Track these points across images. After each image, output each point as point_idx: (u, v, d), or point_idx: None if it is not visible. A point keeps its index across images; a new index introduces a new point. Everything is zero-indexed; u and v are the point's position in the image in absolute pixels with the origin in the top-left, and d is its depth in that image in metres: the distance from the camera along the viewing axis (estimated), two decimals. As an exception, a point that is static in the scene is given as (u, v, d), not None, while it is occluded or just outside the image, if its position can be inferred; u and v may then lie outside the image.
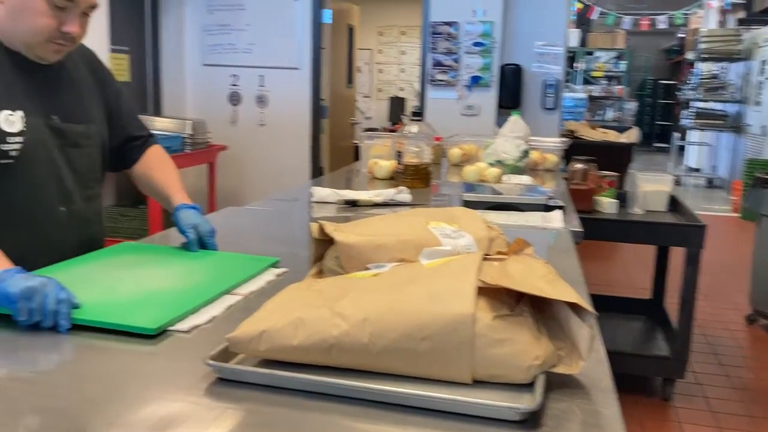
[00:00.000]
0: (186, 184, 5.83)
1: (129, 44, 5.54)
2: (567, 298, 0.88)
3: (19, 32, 1.31)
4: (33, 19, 1.29)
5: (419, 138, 2.76)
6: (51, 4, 1.28)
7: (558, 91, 5.54)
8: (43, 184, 1.37)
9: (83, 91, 1.48)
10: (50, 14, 1.29)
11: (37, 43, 1.33)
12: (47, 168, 1.37)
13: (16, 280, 1.07)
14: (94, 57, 1.58)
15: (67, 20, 1.31)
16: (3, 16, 1.31)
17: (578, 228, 1.97)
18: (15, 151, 1.31)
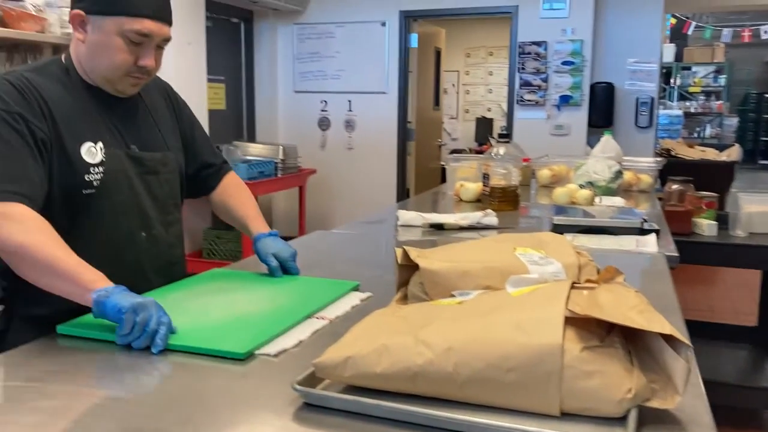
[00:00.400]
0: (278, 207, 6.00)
1: (225, 74, 5.79)
2: (660, 329, 0.85)
3: (100, 68, 1.38)
4: (111, 55, 1.35)
5: (506, 160, 2.73)
6: (127, 40, 1.34)
7: (652, 109, 5.36)
8: (124, 212, 1.42)
9: (159, 120, 1.55)
10: (127, 50, 1.35)
11: (117, 78, 1.39)
12: (128, 196, 1.43)
13: (124, 295, 1.14)
14: (169, 88, 1.66)
15: (143, 54, 1.37)
16: (84, 54, 1.38)
17: (673, 252, 1.89)
18: (97, 181, 1.37)
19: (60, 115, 1.34)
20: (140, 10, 1.33)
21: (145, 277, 1.45)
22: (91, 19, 1.34)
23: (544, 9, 5.24)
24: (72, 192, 1.34)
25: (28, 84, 1.32)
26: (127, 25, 1.32)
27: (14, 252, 1.21)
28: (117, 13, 1.32)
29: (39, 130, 1.30)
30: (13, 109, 1.28)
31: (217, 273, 1.59)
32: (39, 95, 1.32)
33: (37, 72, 1.38)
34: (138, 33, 1.33)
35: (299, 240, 2.17)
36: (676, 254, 1.87)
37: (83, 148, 1.36)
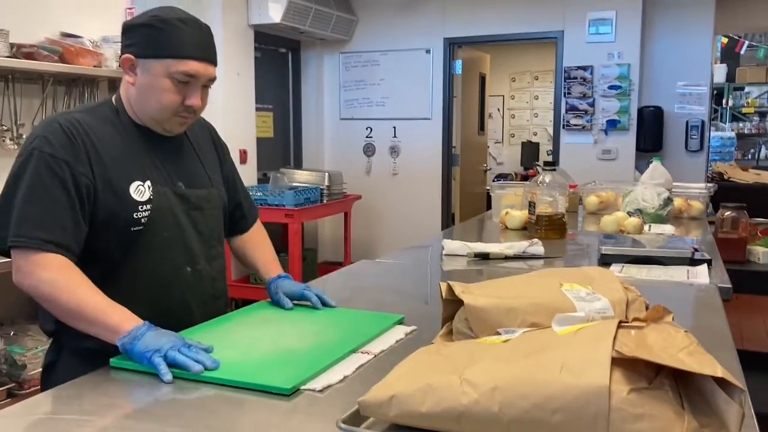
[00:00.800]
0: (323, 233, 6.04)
1: (272, 102, 5.90)
2: (712, 372, 0.83)
3: (149, 108, 1.44)
4: (160, 96, 1.41)
5: (552, 187, 2.71)
6: (175, 81, 1.39)
7: (703, 132, 5.25)
8: (170, 247, 1.47)
9: (204, 158, 1.61)
10: (174, 90, 1.40)
11: (165, 118, 1.44)
12: (174, 232, 1.47)
13: (146, 339, 1.20)
14: (213, 130, 1.73)
15: (190, 94, 1.42)
16: (134, 95, 1.45)
17: (726, 284, 1.84)
18: (145, 219, 1.42)
19: (109, 156, 1.40)
20: (186, 52, 1.39)
21: (189, 311, 1.48)
22: (141, 63, 1.41)
23: (590, 33, 5.20)
24: (121, 229, 1.39)
25: (78, 126, 1.38)
26: (174, 67, 1.38)
27: (46, 300, 1.30)
28: (165, 56, 1.38)
29: (82, 176, 1.35)
30: (58, 154, 1.33)
31: (263, 306, 1.62)
32: (88, 138, 1.38)
33: (89, 113, 1.44)
34: (185, 74, 1.39)
35: (344, 270, 2.19)
36: (729, 285, 1.82)
37: (132, 187, 1.41)
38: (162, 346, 1.19)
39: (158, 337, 1.22)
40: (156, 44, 1.38)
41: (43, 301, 1.31)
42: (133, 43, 1.41)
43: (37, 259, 1.29)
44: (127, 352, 1.21)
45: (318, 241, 6.25)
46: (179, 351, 1.19)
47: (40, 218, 1.30)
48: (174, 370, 1.16)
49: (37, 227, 1.30)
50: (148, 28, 1.40)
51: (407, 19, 5.80)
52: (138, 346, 1.20)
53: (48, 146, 1.33)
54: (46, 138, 1.34)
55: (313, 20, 5.36)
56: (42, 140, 1.34)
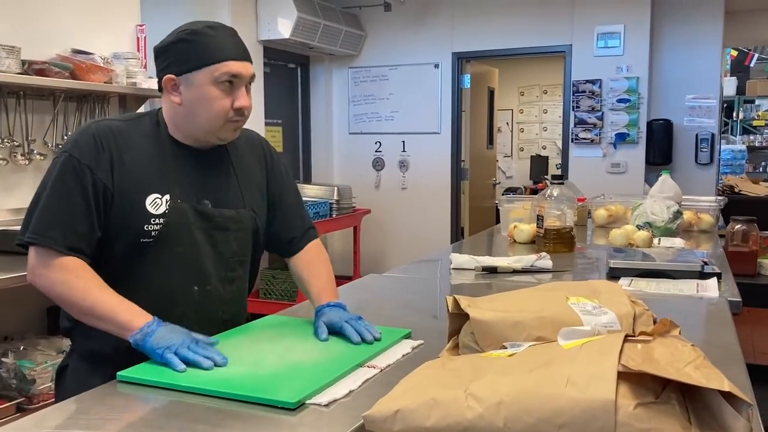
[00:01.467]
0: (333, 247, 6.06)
1: (282, 117, 5.94)
2: (719, 386, 0.82)
3: (201, 121, 1.43)
4: (210, 105, 1.40)
5: (561, 201, 2.70)
6: (220, 86, 1.40)
7: (713, 145, 5.23)
8: (179, 264, 1.45)
9: (243, 177, 1.56)
10: (222, 96, 1.40)
11: (219, 126, 1.43)
12: (186, 248, 1.45)
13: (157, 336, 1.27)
14: (266, 145, 1.68)
15: (237, 96, 1.42)
16: (183, 113, 1.44)
17: (736, 297, 1.83)
18: (156, 232, 1.41)
19: (133, 165, 1.41)
20: (224, 55, 1.40)
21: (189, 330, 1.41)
22: (183, 79, 1.41)
23: (599, 47, 5.21)
24: (130, 239, 1.40)
25: (109, 133, 1.40)
26: (217, 71, 1.39)
27: (59, 300, 1.35)
28: (206, 65, 1.39)
29: (101, 182, 1.37)
30: (84, 159, 1.36)
31: (272, 320, 1.62)
32: (116, 145, 1.40)
33: (129, 122, 1.47)
34: (229, 75, 1.40)
35: (352, 284, 2.19)
36: (738, 299, 1.81)
37: (148, 199, 1.41)
38: (173, 342, 1.25)
39: (168, 333, 1.27)
40: (194, 56, 1.39)
41: (57, 300, 1.36)
42: (170, 63, 1.42)
43: (51, 260, 1.33)
44: (139, 347, 1.27)
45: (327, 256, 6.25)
46: (189, 348, 1.25)
47: (58, 220, 1.34)
48: (182, 384, 1.16)
49: (54, 228, 1.34)
50: (182, 43, 1.41)
51: (415, 33, 5.84)
52: (150, 343, 1.25)
53: (76, 150, 1.37)
54: (76, 142, 1.38)
55: (322, 36, 5.40)
56: (73, 144, 1.38)
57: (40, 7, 3.29)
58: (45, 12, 3.31)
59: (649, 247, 2.66)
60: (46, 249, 1.34)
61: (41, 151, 3.22)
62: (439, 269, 2.41)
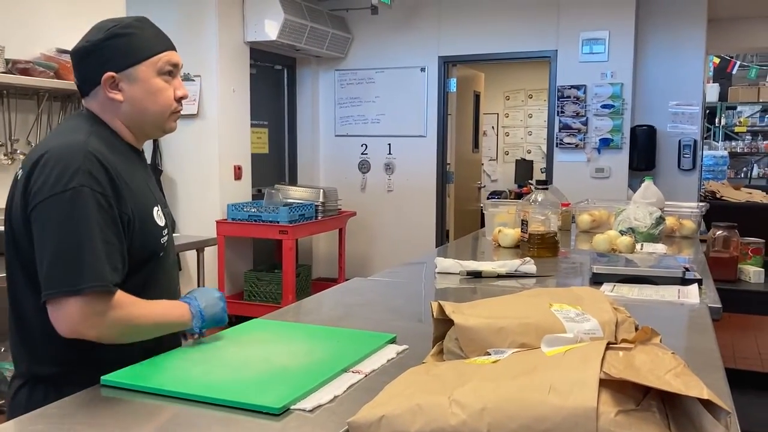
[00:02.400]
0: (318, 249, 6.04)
1: (268, 118, 5.93)
2: (698, 394, 0.83)
3: (150, 115, 1.42)
4: (157, 97, 1.41)
5: (545, 206, 2.72)
6: (163, 76, 1.42)
7: (695, 151, 5.29)
8: (173, 269, 1.54)
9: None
10: (167, 86, 1.43)
11: (166, 118, 1.45)
12: (173, 254, 1.54)
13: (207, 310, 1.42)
14: None
15: (177, 85, 1.46)
16: (128, 111, 1.40)
17: (716, 304, 1.85)
18: (165, 242, 1.45)
19: (133, 186, 1.37)
20: (163, 45, 1.43)
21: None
22: (125, 75, 1.38)
23: (584, 53, 5.26)
24: (152, 256, 1.42)
25: (105, 159, 1.31)
26: (160, 62, 1.40)
27: (121, 338, 1.31)
28: (148, 57, 1.39)
29: (123, 213, 1.32)
30: (107, 192, 1.29)
31: (259, 324, 1.62)
32: (116, 171, 1.32)
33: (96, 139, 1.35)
34: (170, 65, 1.42)
35: (338, 287, 2.19)
36: (719, 305, 1.83)
37: (155, 212, 1.43)
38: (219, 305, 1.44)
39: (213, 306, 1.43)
40: (134, 49, 1.38)
41: (118, 339, 1.30)
42: (106, 61, 1.36)
43: (104, 304, 1.25)
44: (205, 327, 1.41)
45: (312, 258, 6.25)
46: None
47: (104, 261, 1.26)
48: (167, 389, 1.16)
49: (106, 271, 1.25)
50: (116, 39, 1.37)
51: (402, 37, 5.86)
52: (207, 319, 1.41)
53: (95, 183, 1.27)
54: (90, 173, 1.27)
55: (309, 38, 5.40)
56: (87, 176, 1.26)
57: (25, 6, 3.26)
58: (30, 11, 3.29)
59: (631, 252, 2.69)
60: (98, 295, 1.24)
61: (24, 151, 3.20)
62: (425, 273, 2.42)
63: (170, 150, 5.01)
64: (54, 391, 1.27)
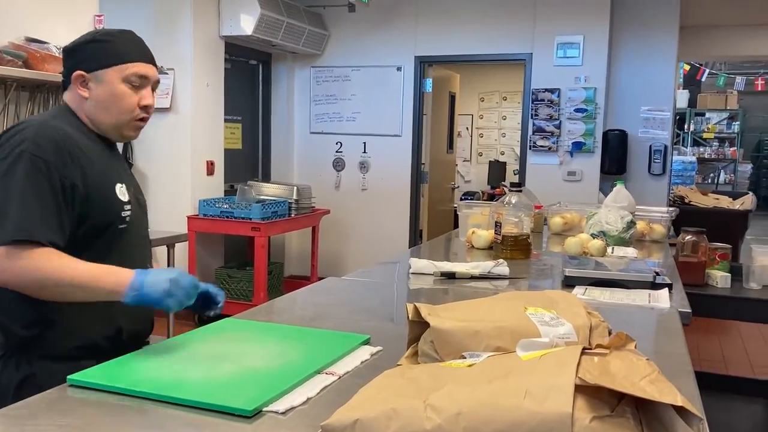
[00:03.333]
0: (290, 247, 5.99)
1: (242, 114, 5.88)
2: (672, 401, 0.84)
3: (110, 117, 1.54)
4: (119, 101, 1.52)
5: (519, 208, 2.73)
6: (130, 84, 1.52)
7: (666, 157, 5.37)
8: (143, 246, 1.64)
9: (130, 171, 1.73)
10: (130, 93, 1.52)
11: (125, 122, 1.55)
12: (143, 231, 1.64)
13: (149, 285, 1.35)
14: None
15: (144, 95, 1.55)
16: (93, 108, 1.53)
17: (686, 308, 1.88)
18: (128, 217, 1.53)
19: (95, 161, 1.48)
20: (135, 57, 1.53)
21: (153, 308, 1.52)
22: (93, 76, 1.51)
23: (558, 57, 5.30)
24: (109, 228, 1.49)
25: (65, 134, 1.45)
26: (128, 70, 1.51)
27: (31, 285, 1.35)
28: (116, 63, 1.51)
29: (68, 180, 1.41)
30: (49, 158, 1.39)
31: (231, 323, 1.59)
32: (75, 145, 1.45)
33: (62, 122, 1.50)
34: (138, 76, 1.53)
35: (311, 287, 2.18)
36: (688, 310, 1.86)
37: (117, 188, 1.52)
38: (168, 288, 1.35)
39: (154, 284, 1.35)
40: (107, 54, 1.51)
41: (29, 288, 1.36)
42: (82, 60, 1.52)
43: (20, 252, 1.33)
44: (139, 302, 1.35)
45: (285, 255, 6.21)
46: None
47: (34, 217, 1.35)
48: (136, 389, 1.13)
49: (32, 225, 1.34)
50: (95, 43, 1.52)
51: (379, 36, 5.84)
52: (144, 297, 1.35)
53: (40, 151, 1.39)
54: (35, 142, 1.39)
55: (285, 33, 5.36)
56: (32, 144, 1.39)
57: (-7, -8, 3.19)
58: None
59: (603, 255, 2.71)
60: (19, 244, 1.33)
61: (-9, 142, 3.12)
62: (398, 273, 2.42)
63: (142, 144, 4.93)
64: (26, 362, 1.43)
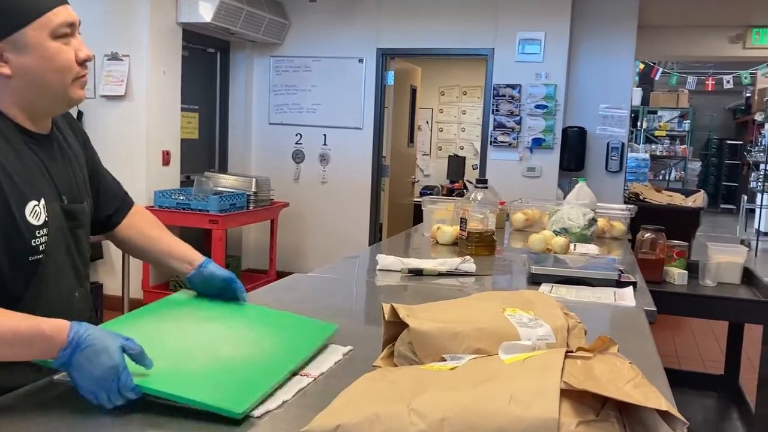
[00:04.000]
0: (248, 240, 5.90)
1: (198, 103, 5.76)
2: (657, 405, 0.84)
3: (49, 87, 1.22)
4: (55, 63, 1.20)
5: (484, 204, 2.73)
6: (57, 38, 1.20)
7: (623, 154, 5.46)
8: (64, 273, 1.30)
9: (75, 163, 1.39)
10: (65, 49, 1.21)
11: (68, 85, 1.24)
12: (65, 255, 1.30)
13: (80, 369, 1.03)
14: (72, 120, 1.50)
15: (78, 47, 1.24)
16: (19, 85, 1.20)
17: (651, 307, 1.90)
18: (43, 245, 1.22)
19: (6, 174, 1.17)
20: (50, 2, 1.19)
21: None
22: (9, 43, 1.17)
23: (520, 53, 5.33)
24: (18, 260, 1.20)
25: None
26: (53, 23, 1.18)
27: None
28: (35, 17, 1.17)
29: None
30: None
31: (190, 298, 1.50)
32: None
33: None
34: (66, 24, 1.20)
35: (276, 284, 2.13)
36: (654, 309, 1.88)
37: (27, 209, 1.19)
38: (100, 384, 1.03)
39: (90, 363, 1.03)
40: (17, 11, 1.16)
41: None
42: None
43: None
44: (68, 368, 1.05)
45: (242, 249, 6.12)
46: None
47: None
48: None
49: None
50: None
51: (340, 27, 5.79)
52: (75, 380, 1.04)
53: None
54: None
55: (245, 22, 5.26)
56: None
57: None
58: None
59: (566, 253, 2.74)
60: None
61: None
62: (365, 270, 2.40)
63: (94, 131, 4.78)
64: None
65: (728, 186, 14.86)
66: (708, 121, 15.25)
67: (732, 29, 6.98)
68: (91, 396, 1.03)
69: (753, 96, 12.99)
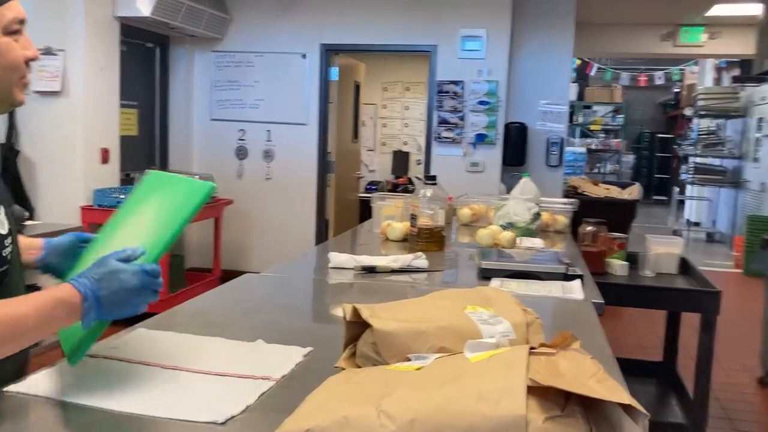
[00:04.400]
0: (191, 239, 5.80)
1: (138, 99, 5.61)
2: (620, 399, 0.86)
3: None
4: (4, 59, 1.13)
5: (433, 200, 2.76)
6: (8, 34, 1.13)
7: (562, 149, 5.60)
8: (19, 282, 1.22)
9: None
10: (14, 45, 1.14)
11: (14, 84, 1.16)
12: (18, 263, 1.23)
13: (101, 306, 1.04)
14: None
15: (26, 45, 1.17)
16: None
17: (599, 299, 1.96)
18: (9, 255, 1.15)
19: None
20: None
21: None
22: None
23: (462, 50, 5.39)
24: None
25: None
26: (5, 19, 1.11)
27: None
28: None
29: None
30: None
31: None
32: None
33: None
34: (18, 20, 1.14)
35: (227, 285, 2.10)
36: (602, 301, 1.94)
37: None
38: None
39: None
40: None
41: None
42: None
43: None
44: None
45: (185, 247, 6.00)
46: None
47: None
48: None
49: None
50: None
51: (283, 22, 5.73)
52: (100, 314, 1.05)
53: None
54: None
55: (185, 16, 5.15)
56: None
57: None
58: None
59: (513, 247, 2.79)
60: None
61: None
62: (316, 269, 2.39)
63: (28, 128, 4.60)
64: None
65: (660, 178, 15.42)
66: (640, 116, 15.77)
67: (663, 27, 7.24)
68: (134, 309, 1.07)
69: (682, 91, 13.50)
